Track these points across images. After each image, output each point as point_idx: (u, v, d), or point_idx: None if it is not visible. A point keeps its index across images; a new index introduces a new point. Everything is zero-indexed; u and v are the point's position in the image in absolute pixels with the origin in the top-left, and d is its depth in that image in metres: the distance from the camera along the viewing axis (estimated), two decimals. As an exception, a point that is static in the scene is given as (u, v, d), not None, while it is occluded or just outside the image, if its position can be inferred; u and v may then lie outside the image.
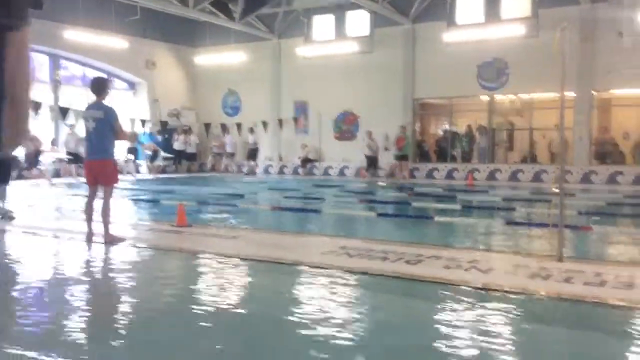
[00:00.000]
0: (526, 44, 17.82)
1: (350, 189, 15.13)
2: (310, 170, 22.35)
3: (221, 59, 23.78)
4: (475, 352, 3.29)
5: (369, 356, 3.26)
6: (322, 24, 22.28)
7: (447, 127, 21.39)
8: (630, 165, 17.58)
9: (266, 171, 23.67)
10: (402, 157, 19.69)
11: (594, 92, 17.60)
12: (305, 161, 22.30)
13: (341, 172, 21.82)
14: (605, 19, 16.82)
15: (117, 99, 20.23)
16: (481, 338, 3.51)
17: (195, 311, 4.08)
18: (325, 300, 4.37)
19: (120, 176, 7.77)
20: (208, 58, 24.18)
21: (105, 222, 6.76)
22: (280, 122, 22.41)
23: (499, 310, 4.09)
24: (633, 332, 3.67)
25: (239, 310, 4.20)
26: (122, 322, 3.95)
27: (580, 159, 17.68)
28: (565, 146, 17.55)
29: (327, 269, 5.31)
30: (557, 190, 5.69)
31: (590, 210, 10.52)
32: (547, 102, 16.96)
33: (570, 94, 16.59)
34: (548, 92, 15.03)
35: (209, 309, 4.14)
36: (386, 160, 20.40)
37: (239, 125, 23.10)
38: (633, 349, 3.38)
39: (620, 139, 18.47)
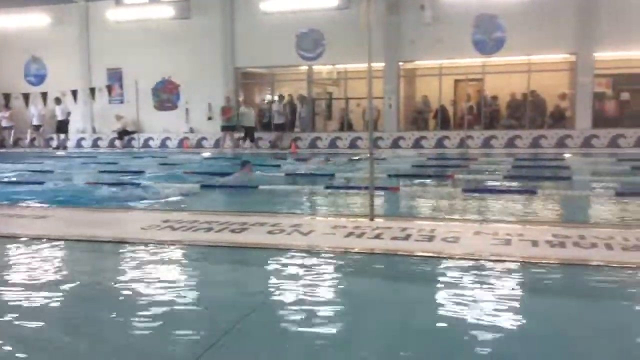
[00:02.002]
0: (339, 15, 18.61)
1: (173, 161, 14.72)
2: (129, 142, 21.26)
3: (21, 21, 21.48)
4: (298, 306, 3.47)
5: (197, 322, 3.26)
6: (135, -14, 21.05)
7: (269, 96, 21.67)
8: (432, 130, 19.42)
9: (78, 145, 22.01)
10: (228, 128, 19.52)
11: (400, 63, 19.04)
12: (123, 133, 21.14)
13: (163, 144, 21.10)
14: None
15: None
16: (304, 293, 3.71)
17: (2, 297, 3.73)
18: (148, 275, 4.26)
19: None
20: (6, 20, 21.67)
21: None
22: (92, 91, 20.89)
23: (319, 268, 4.34)
24: (434, 278, 4.14)
25: (54, 294, 3.91)
26: None
27: (390, 125, 19.11)
28: (376, 114, 18.99)
29: (148, 243, 5.17)
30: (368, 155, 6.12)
31: (398, 172, 11.46)
32: (360, 73, 17.95)
33: (379, 65, 17.77)
34: (360, 62, 15.83)
35: (17, 296, 3.81)
36: (211, 130, 20.17)
37: (44, 95, 21.08)
38: (435, 292, 3.82)
39: (422, 107, 20.29)
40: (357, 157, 14.48)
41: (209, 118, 20.31)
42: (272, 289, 3.89)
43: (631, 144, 16.91)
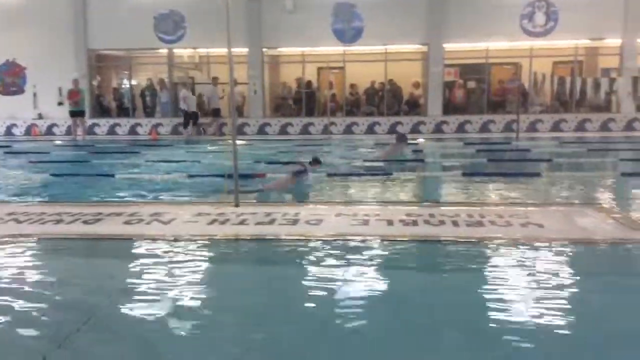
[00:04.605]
0: (201, -2, 18.10)
1: (19, 150, 13.53)
2: (-32, 130, 19.16)
3: None
4: (155, 296, 3.38)
5: (46, 319, 3.04)
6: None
7: (126, 80, 20.61)
8: (297, 117, 19.64)
9: None
10: (77, 113, 18.12)
11: (264, 49, 19.00)
12: (-40, 120, 18.99)
13: (8, 132, 19.28)
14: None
15: None
16: (162, 283, 3.61)
17: None
18: (-13, 274, 3.90)
19: None
20: None
21: None
22: None
23: (180, 257, 4.23)
24: (298, 259, 4.20)
25: None
26: None
27: (255, 111, 19.06)
28: (242, 100, 18.85)
29: (-11, 239, 4.71)
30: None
31: (265, 158, 11.47)
32: (223, 57, 17.63)
33: (243, 50, 17.62)
34: (222, 47, 15.51)
35: None
36: (63, 116, 18.74)
37: None
38: (299, 272, 3.90)
39: (286, 94, 20.47)
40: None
41: (60, 103, 18.84)
42: (126, 281, 3.72)
43: (477, 129, 18.39)
